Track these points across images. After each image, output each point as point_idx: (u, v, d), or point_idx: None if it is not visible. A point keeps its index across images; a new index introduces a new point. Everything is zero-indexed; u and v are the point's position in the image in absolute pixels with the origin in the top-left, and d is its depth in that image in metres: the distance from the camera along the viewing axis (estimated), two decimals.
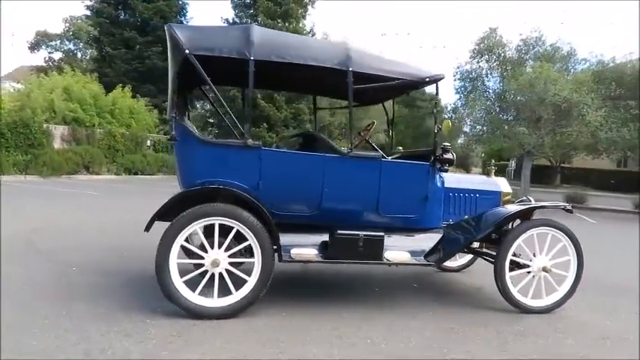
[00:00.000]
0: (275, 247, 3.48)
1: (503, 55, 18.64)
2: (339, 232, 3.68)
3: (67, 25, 37.78)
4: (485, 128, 18.92)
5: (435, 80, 3.93)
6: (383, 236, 3.74)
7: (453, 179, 4.34)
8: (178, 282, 3.35)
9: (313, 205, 3.74)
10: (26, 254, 4.97)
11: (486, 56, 18.65)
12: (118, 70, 25.10)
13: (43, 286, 3.90)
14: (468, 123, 19.71)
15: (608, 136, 15.83)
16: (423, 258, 3.98)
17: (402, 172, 3.92)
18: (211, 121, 26.27)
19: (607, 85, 17.26)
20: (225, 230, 3.40)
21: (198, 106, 24.09)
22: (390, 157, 4.29)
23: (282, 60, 3.53)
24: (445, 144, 4.01)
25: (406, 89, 4.48)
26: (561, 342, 3.39)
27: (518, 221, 4.16)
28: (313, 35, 25.14)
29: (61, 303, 3.52)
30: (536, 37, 18.43)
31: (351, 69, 3.63)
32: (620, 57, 19.02)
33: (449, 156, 3.98)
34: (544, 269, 3.92)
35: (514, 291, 3.89)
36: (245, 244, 3.46)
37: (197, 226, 3.36)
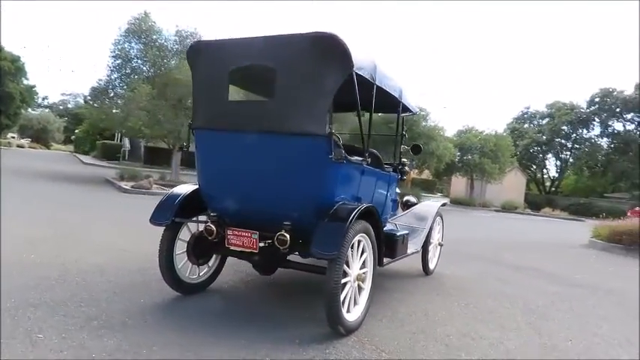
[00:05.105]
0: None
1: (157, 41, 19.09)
2: (397, 233, 4.40)
3: None
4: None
5: (415, 113, 5.21)
6: (408, 233, 4.74)
7: None
8: (341, 305, 3.28)
9: None
10: None
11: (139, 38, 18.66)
12: None
13: None
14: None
15: None
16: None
17: (392, 181, 4.98)
18: None
19: None
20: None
21: None
22: None
23: (385, 88, 3.93)
24: (404, 160, 5.33)
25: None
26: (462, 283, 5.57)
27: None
28: None
29: None
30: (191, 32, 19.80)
31: (402, 102, 4.48)
32: None
33: (407, 169, 5.35)
34: (439, 244, 6.00)
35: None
36: (365, 255, 3.70)
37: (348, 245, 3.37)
